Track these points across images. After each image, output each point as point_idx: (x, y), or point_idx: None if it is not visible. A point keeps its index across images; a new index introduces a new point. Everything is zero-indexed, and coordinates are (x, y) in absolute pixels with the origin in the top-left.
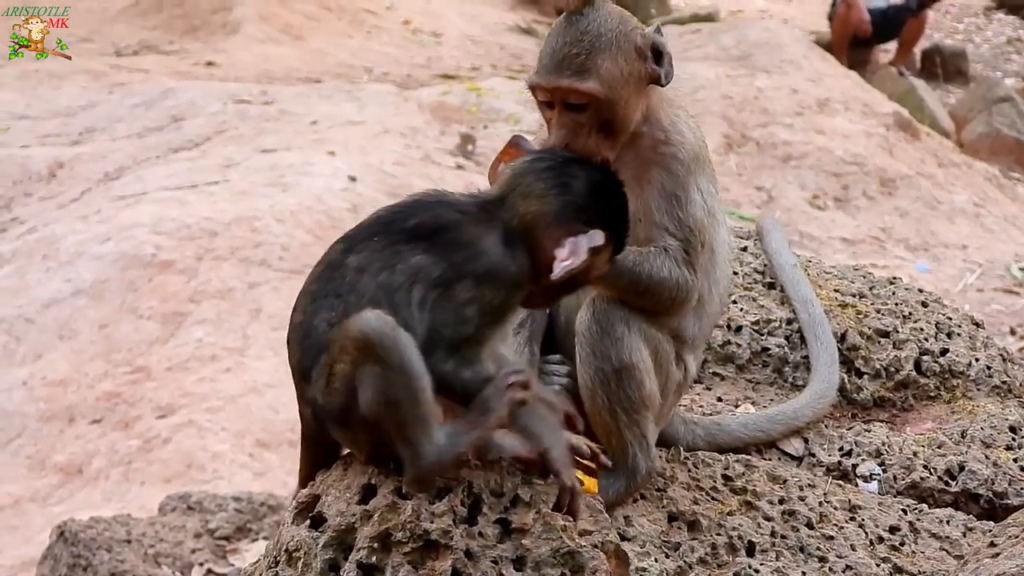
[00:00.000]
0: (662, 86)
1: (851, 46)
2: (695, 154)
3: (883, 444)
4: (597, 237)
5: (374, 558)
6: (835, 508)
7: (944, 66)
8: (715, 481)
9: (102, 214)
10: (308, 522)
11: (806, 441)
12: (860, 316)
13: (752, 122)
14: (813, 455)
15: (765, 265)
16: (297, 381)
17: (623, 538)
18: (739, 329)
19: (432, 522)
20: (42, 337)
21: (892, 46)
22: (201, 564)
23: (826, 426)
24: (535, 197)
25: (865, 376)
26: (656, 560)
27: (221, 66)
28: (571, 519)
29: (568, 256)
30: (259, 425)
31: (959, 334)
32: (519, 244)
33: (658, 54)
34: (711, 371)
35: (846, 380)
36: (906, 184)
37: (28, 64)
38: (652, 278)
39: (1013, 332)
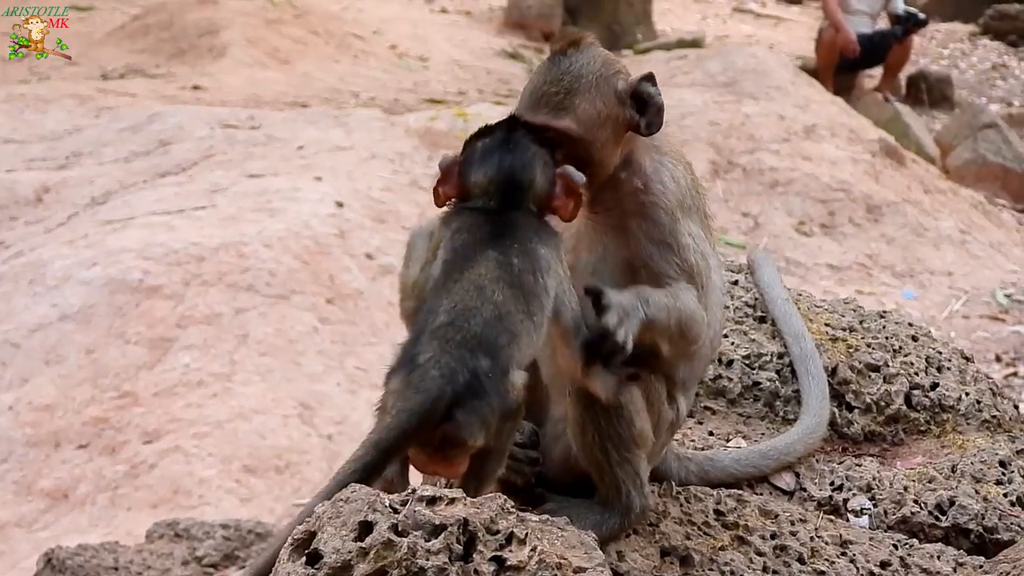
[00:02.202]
0: (643, 135)
1: (837, 72)
2: (678, 201)
3: (873, 479)
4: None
5: None
6: (826, 543)
7: (929, 92)
8: (707, 516)
9: (89, 239)
10: (304, 559)
11: (797, 476)
12: (851, 350)
13: (739, 148)
14: (804, 490)
15: (756, 299)
16: (461, 343)
17: (616, 573)
18: (730, 363)
19: (428, 559)
20: (28, 362)
21: (878, 71)
22: None
23: (817, 460)
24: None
25: (856, 410)
26: None
27: (208, 90)
28: (566, 558)
29: (564, 192)
30: (246, 451)
31: (949, 368)
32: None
33: (641, 102)
34: (703, 405)
35: (837, 414)
36: (892, 211)
37: (14, 88)
38: (685, 312)
39: (999, 359)
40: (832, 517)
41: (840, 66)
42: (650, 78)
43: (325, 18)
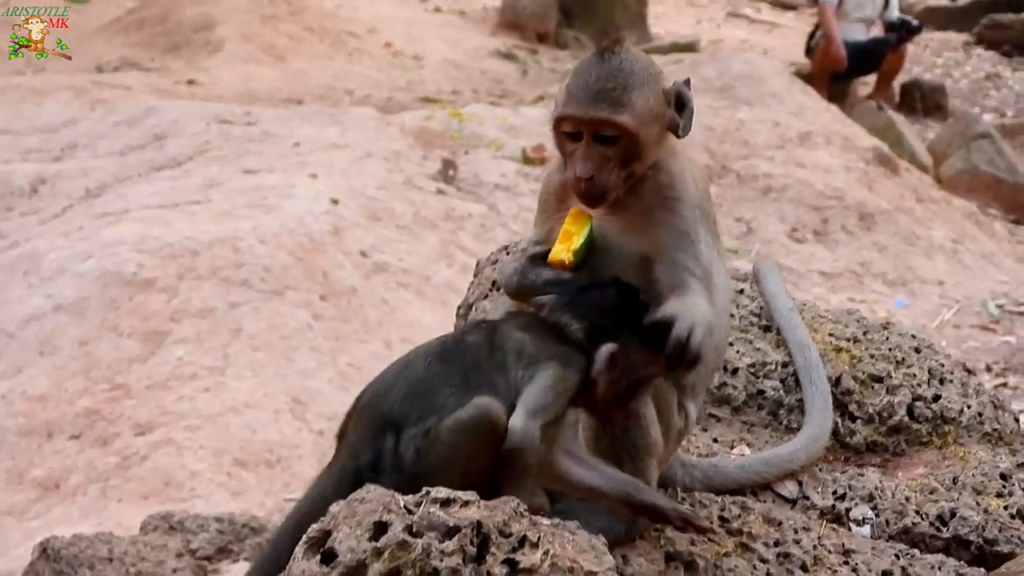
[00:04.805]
0: (678, 136)
1: (831, 79)
2: (699, 204)
3: (876, 488)
4: (603, 354)
5: None
6: (829, 551)
7: (923, 100)
8: (711, 522)
9: (84, 231)
10: (319, 557)
11: (800, 484)
12: (854, 361)
13: (733, 154)
14: (807, 498)
15: (761, 308)
16: (370, 422)
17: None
18: (735, 371)
19: (442, 560)
20: (22, 352)
21: (872, 79)
22: None
23: (820, 469)
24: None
25: (859, 420)
26: None
27: (203, 85)
28: (577, 562)
29: (597, 373)
30: (237, 445)
31: (951, 380)
32: None
33: (681, 104)
34: (707, 412)
35: (840, 424)
36: (885, 219)
37: (9, 79)
38: (713, 318)
39: (989, 369)
40: (835, 526)
41: (834, 73)
42: (688, 83)
43: (320, 15)
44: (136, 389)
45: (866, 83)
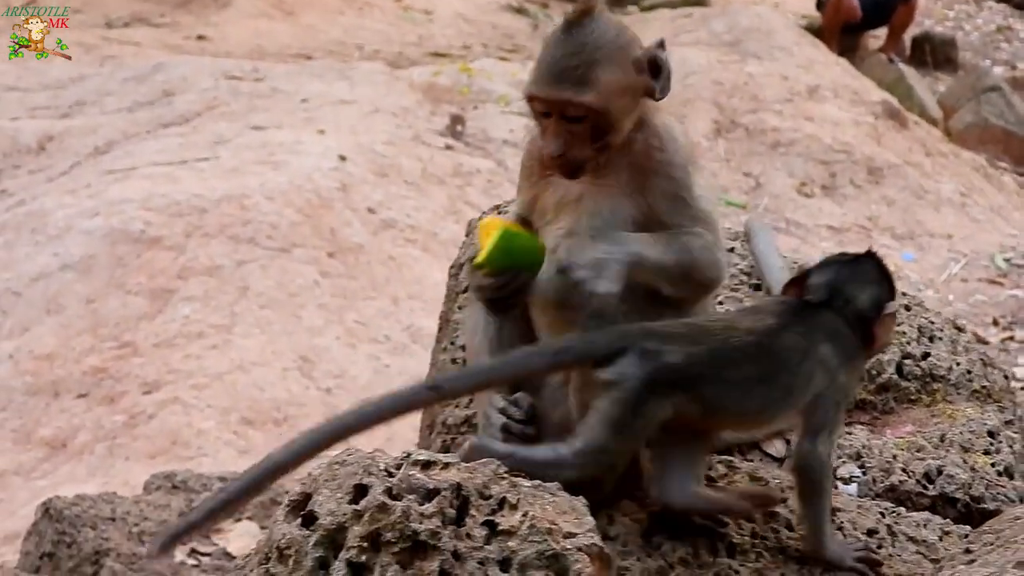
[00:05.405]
0: (656, 100)
1: (842, 32)
2: (689, 157)
3: (863, 447)
4: (893, 306)
5: (364, 557)
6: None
7: (934, 53)
8: None
9: (91, 188)
10: (300, 520)
11: (788, 443)
12: None
13: (742, 108)
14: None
15: (752, 266)
16: None
17: (606, 536)
18: None
19: (421, 523)
20: (29, 311)
21: (883, 32)
22: (185, 543)
23: None
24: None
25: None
26: (638, 559)
27: (212, 40)
28: (556, 524)
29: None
30: (244, 403)
31: (941, 338)
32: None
33: (655, 68)
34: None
35: None
36: (893, 173)
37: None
38: (688, 254)
39: (996, 323)
40: None
41: (845, 27)
42: (662, 45)
43: None
44: (143, 347)
45: (877, 36)
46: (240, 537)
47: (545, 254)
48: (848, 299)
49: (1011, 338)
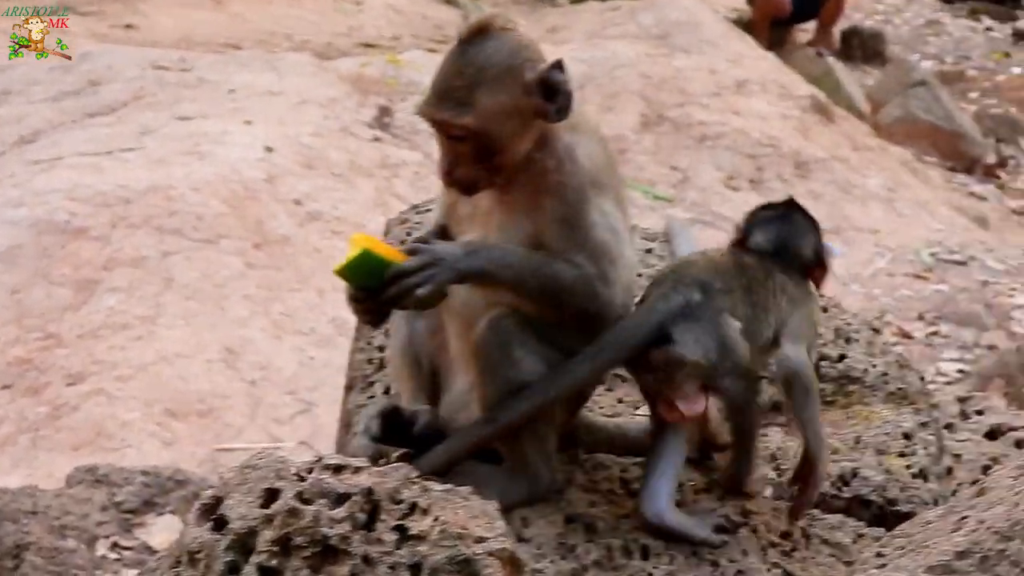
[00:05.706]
0: (550, 123)
1: (771, 26)
2: (591, 179)
3: (778, 449)
4: (831, 249)
5: (274, 562)
6: (729, 513)
7: (863, 47)
8: (613, 484)
9: (16, 178)
10: (211, 523)
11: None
12: None
13: (669, 102)
14: (710, 459)
15: None
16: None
17: (520, 539)
18: None
19: (332, 528)
20: None
21: (812, 26)
22: (107, 537)
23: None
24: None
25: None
26: (552, 562)
27: (140, 29)
28: (467, 528)
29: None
30: (169, 395)
31: (857, 340)
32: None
33: (550, 90)
34: (612, 373)
35: None
36: (820, 167)
37: None
38: (554, 279)
39: (921, 318)
40: None
41: (775, 20)
42: (559, 65)
43: None
44: (68, 338)
45: (806, 30)
46: (162, 531)
47: None
48: (795, 254)
49: (936, 333)
